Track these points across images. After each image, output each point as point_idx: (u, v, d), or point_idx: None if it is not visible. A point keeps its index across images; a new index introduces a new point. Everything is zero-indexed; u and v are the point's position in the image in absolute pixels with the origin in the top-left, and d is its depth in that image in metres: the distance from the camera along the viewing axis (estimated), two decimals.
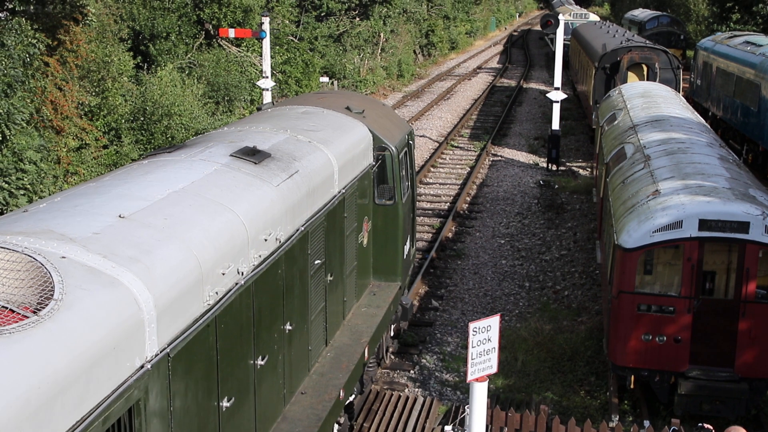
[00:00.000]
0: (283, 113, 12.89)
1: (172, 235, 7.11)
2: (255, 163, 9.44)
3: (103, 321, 5.75)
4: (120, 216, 7.04)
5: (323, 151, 11.18)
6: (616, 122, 21.27)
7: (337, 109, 13.27)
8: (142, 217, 7.21)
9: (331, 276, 11.29)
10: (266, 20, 24.82)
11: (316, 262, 10.61)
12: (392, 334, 15.20)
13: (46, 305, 5.50)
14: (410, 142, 14.92)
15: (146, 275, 6.38)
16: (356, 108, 13.53)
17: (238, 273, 7.94)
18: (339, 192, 11.50)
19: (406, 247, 14.34)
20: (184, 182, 8.31)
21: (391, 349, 14.39)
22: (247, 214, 8.35)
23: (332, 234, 11.28)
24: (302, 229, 9.89)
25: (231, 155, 9.47)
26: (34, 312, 5.42)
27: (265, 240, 8.64)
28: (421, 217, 24.28)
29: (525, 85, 53.29)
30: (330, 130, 12.08)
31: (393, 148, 13.41)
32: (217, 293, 7.44)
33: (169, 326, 6.59)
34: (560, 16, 29.88)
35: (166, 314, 6.51)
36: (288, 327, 9.59)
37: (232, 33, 27.07)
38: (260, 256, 8.50)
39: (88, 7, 22.32)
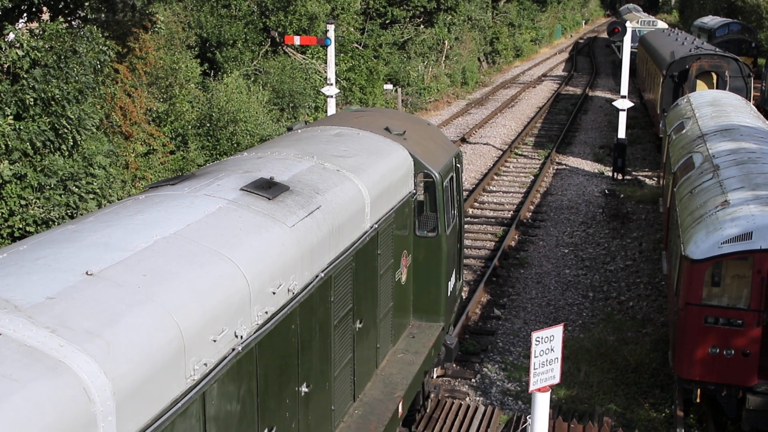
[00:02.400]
0: (314, 135, 11.61)
1: (148, 297, 5.90)
2: (268, 199, 8.18)
3: (34, 424, 4.56)
4: (87, 273, 5.90)
5: (353, 181, 9.90)
6: (684, 131, 20.91)
7: (375, 131, 11.99)
8: (114, 273, 6.02)
9: (360, 323, 9.98)
10: (331, 28, 24.99)
11: (342, 312, 9.33)
12: (435, 375, 13.89)
13: None
14: (458, 165, 13.60)
15: (104, 354, 5.19)
16: (396, 129, 12.24)
17: (236, 337, 6.67)
18: (371, 227, 10.17)
19: (451, 283, 12.98)
20: (178, 225, 7.09)
21: (432, 395, 13.20)
22: (251, 263, 7.10)
23: (362, 275, 9.98)
24: (322, 275, 8.57)
25: (242, 189, 8.25)
26: None
27: (274, 293, 7.38)
28: (484, 225, 24.17)
29: (590, 93, 52.75)
30: (364, 155, 10.82)
31: (437, 174, 12.02)
32: (205, 365, 6.18)
33: (136, 416, 5.38)
34: (627, 24, 29.53)
35: (131, 401, 5.30)
36: (304, 389, 8.29)
37: (297, 40, 27.32)
38: (266, 312, 7.25)
39: (157, 15, 22.73)
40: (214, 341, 6.32)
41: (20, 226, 15.23)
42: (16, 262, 6.03)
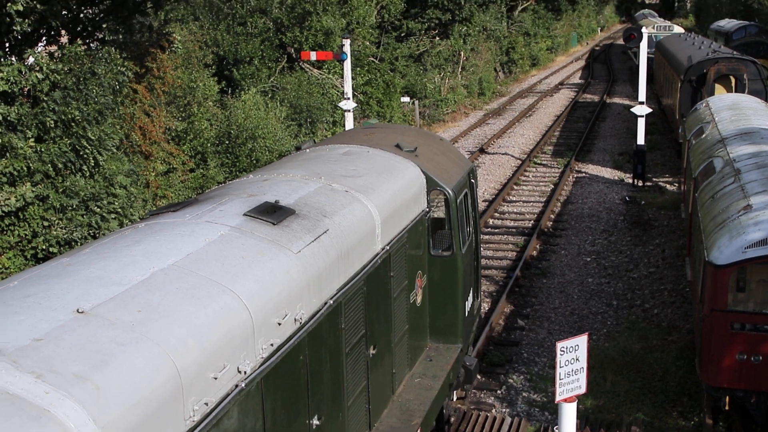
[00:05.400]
0: (322, 155, 11.30)
1: (142, 336, 5.57)
2: (273, 224, 7.87)
3: None
4: (78, 311, 5.59)
5: (362, 202, 9.57)
6: (703, 136, 20.79)
7: (385, 148, 11.71)
8: (107, 310, 5.70)
9: (374, 348, 9.64)
10: (347, 42, 25.06)
11: (354, 338, 9.02)
12: (455, 399, 13.54)
13: None
14: (472, 180, 13.30)
15: (93, 400, 4.86)
16: (408, 145, 11.96)
17: (239, 372, 6.35)
18: (383, 249, 9.86)
19: (468, 303, 12.62)
20: (177, 255, 6.76)
21: (453, 418, 12.91)
22: (254, 294, 6.76)
23: (375, 299, 9.65)
24: (332, 302, 8.24)
25: (245, 214, 7.94)
26: None
27: (279, 324, 7.05)
28: (505, 236, 24.11)
29: (608, 100, 52.59)
30: (374, 174, 10.49)
31: (450, 192, 11.66)
32: (206, 404, 5.87)
33: None
34: (643, 29, 29.42)
35: None
36: (315, 421, 7.95)
37: (313, 56, 27.40)
38: (272, 345, 6.90)
39: (174, 35, 22.89)
40: (215, 379, 6.00)
41: (43, 247, 15.34)
42: (4, 301, 5.73)
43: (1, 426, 4.40)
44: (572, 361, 8.85)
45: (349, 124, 25.43)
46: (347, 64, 25.30)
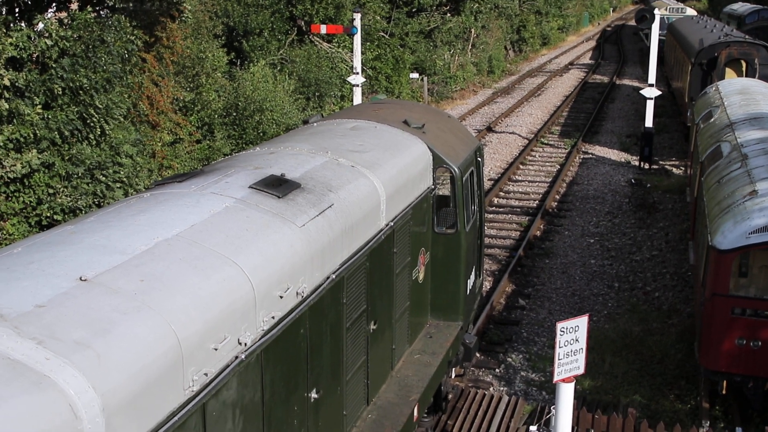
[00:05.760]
0: (329, 129, 11.26)
1: (144, 304, 5.58)
2: (278, 197, 7.88)
3: None
4: (81, 278, 5.59)
5: (368, 177, 9.57)
6: (712, 120, 20.73)
7: (393, 124, 11.66)
8: (110, 279, 5.69)
9: (374, 324, 9.66)
10: (357, 16, 24.98)
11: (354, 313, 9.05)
12: (453, 376, 13.58)
13: None
14: (478, 159, 13.28)
15: (93, 367, 4.86)
16: (415, 122, 11.95)
17: (239, 344, 6.37)
18: (387, 225, 9.85)
19: (470, 281, 12.67)
20: (181, 226, 6.77)
21: (450, 395, 12.96)
22: (256, 266, 6.76)
23: (377, 274, 9.66)
24: (334, 277, 8.26)
25: (250, 187, 7.94)
26: None
27: (281, 297, 7.08)
28: (510, 215, 24.12)
29: (618, 82, 52.37)
30: (380, 150, 10.49)
31: (456, 169, 11.63)
32: (206, 374, 5.90)
33: (126, 431, 5.08)
34: (656, 11, 29.22)
35: (123, 417, 5.00)
36: (314, 395, 8.01)
37: (323, 29, 27.31)
38: (273, 317, 6.94)
39: (185, 5, 22.83)
40: (216, 350, 6.02)
41: (48, 214, 15.40)
42: (7, 267, 5.72)
43: (2, 390, 4.41)
44: (572, 342, 8.88)
45: (358, 99, 25.39)
46: (357, 39, 25.22)
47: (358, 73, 25.43)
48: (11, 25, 15.58)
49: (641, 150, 30.26)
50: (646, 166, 30.10)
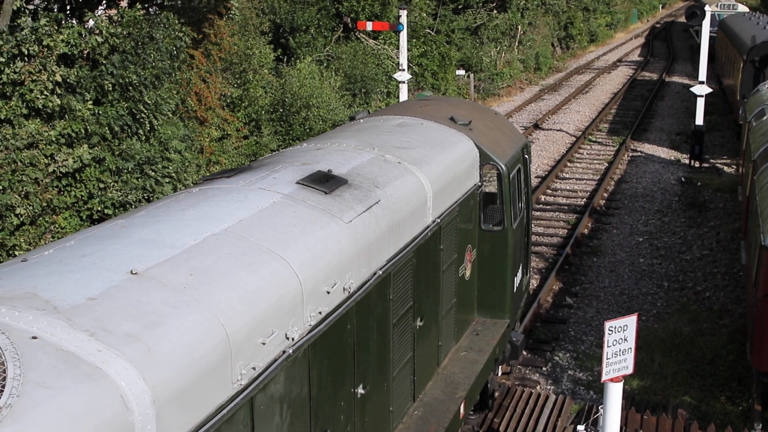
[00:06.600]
0: (376, 125, 11.22)
1: (193, 298, 5.62)
2: (325, 193, 7.88)
3: None
4: (131, 272, 5.64)
5: (415, 173, 9.54)
6: (765, 118, 20.35)
7: (440, 121, 11.60)
8: (160, 272, 5.75)
9: (421, 321, 9.64)
10: (404, 13, 24.94)
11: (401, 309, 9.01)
12: (500, 374, 13.54)
13: None
14: (526, 156, 13.17)
15: (144, 360, 4.91)
16: (462, 118, 11.85)
17: (287, 339, 6.40)
18: (433, 222, 9.82)
19: (517, 279, 12.56)
20: (230, 221, 6.80)
21: (497, 393, 12.94)
22: (304, 262, 6.78)
23: (424, 271, 9.65)
24: (381, 273, 8.26)
25: (298, 182, 7.95)
26: None
27: (328, 292, 7.09)
28: (557, 213, 23.93)
29: (667, 79, 51.72)
30: (427, 146, 10.44)
31: (503, 166, 11.56)
32: (254, 368, 5.93)
33: (178, 424, 5.09)
34: (706, 7, 28.79)
35: (173, 409, 5.03)
36: (360, 390, 7.99)
37: (369, 26, 27.31)
38: (320, 313, 6.94)
39: (232, 1, 22.96)
40: (263, 344, 6.04)
41: (99, 208, 15.59)
42: (61, 260, 5.77)
43: (55, 381, 4.43)
44: (620, 341, 8.76)
45: (404, 95, 25.36)
46: (403, 35, 25.19)
47: (404, 70, 25.40)
48: (63, 22, 15.78)
49: (691, 148, 29.85)
50: (697, 165, 29.67)
